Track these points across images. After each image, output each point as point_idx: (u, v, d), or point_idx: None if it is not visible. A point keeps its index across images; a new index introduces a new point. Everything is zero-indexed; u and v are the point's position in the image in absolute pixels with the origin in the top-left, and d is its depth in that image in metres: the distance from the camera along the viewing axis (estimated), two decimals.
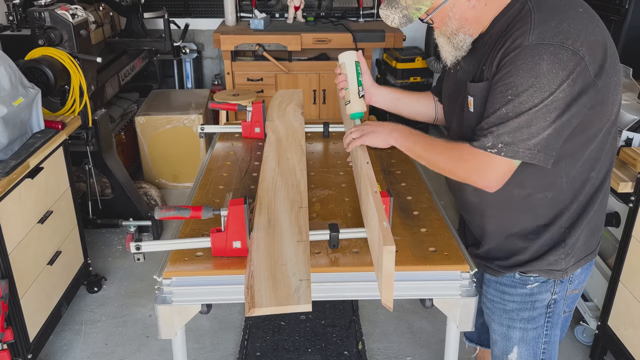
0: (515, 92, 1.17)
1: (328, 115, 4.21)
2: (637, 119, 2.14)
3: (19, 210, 2.08)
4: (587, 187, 1.34)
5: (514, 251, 1.42)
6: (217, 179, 1.88)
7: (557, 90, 1.15)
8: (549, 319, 1.46)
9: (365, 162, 1.47)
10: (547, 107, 1.16)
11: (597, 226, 1.43)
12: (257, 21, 4.04)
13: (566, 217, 1.36)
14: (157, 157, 3.77)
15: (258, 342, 2.34)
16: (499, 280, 1.49)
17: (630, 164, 1.97)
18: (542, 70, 1.14)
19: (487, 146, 1.21)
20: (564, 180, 1.31)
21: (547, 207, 1.35)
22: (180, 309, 1.39)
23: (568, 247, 1.37)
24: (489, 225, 1.45)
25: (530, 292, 1.44)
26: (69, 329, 2.54)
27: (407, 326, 2.55)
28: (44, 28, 2.62)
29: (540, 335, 1.47)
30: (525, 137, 1.18)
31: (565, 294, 1.45)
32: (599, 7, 2.81)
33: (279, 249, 1.33)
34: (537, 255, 1.39)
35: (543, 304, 1.44)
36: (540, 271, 1.40)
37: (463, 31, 1.31)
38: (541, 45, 1.15)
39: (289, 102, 2.30)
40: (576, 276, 1.44)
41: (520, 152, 1.19)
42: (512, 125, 1.18)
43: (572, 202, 1.34)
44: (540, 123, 1.17)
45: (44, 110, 2.35)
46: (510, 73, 1.18)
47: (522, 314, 1.46)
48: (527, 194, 1.34)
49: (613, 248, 2.30)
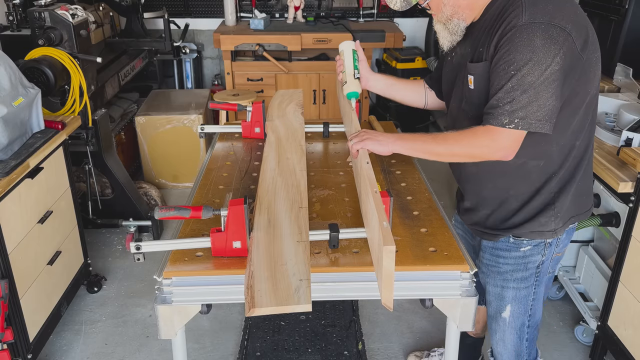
0: (516, 66, 1.31)
1: (328, 115, 4.21)
2: (637, 119, 2.14)
3: (19, 210, 2.08)
4: (573, 154, 1.48)
5: (508, 215, 1.56)
6: (217, 179, 1.88)
7: (552, 62, 1.29)
8: (537, 278, 1.62)
9: (365, 162, 1.47)
10: (548, 79, 1.30)
11: (583, 191, 1.57)
12: (257, 21, 4.04)
13: (555, 182, 1.50)
14: (157, 157, 3.77)
15: (258, 342, 2.34)
16: (494, 245, 1.62)
17: (630, 164, 1.97)
18: (537, 45, 1.29)
19: (504, 123, 1.34)
20: (555, 148, 1.46)
21: (539, 174, 1.49)
22: (180, 309, 1.39)
23: (557, 209, 1.52)
24: (486, 192, 1.59)
25: (523, 254, 1.58)
26: (69, 329, 2.54)
27: (407, 326, 2.55)
28: (44, 28, 2.62)
29: (530, 294, 1.64)
30: (536, 110, 1.32)
31: (552, 256, 1.61)
32: (599, 7, 2.81)
33: (279, 249, 1.33)
34: (529, 217, 1.53)
35: (534, 265, 1.59)
36: (532, 233, 1.54)
37: (457, 17, 1.45)
38: (533, 24, 1.30)
39: (289, 102, 2.30)
40: (562, 240, 1.60)
41: (533, 123, 1.33)
42: (523, 101, 1.31)
43: (561, 168, 1.49)
44: (545, 95, 1.31)
45: (44, 110, 2.35)
46: (509, 51, 1.31)
47: (515, 275, 1.61)
48: (522, 162, 1.47)
49: (613, 248, 2.30)
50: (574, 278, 2.56)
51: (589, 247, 2.50)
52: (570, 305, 2.62)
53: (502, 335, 1.73)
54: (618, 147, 2.07)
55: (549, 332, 2.51)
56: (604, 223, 2.25)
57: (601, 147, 2.21)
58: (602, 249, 2.44)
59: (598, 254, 2.43)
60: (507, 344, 1.73)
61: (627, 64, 2.63)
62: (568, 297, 2.59)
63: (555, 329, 2.53)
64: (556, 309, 2.65)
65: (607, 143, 2.24)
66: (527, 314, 1.67)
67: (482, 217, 1.62)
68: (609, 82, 2.71)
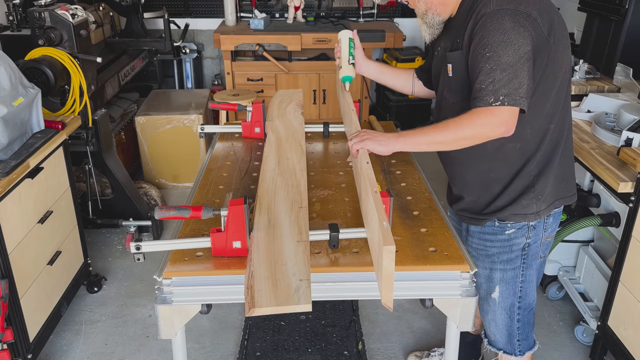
0: (491, 49, 1.39)
1: (328, 115, 4.21)
2: (637, 119, 2.14)
3: (19, 210, 2.08)
4: (549, 138, 1.56)
5: (492, 198, 1.64)
6: (217, 179, 1.88)
7: (523, 43, 1.38)
8: (525, 261, 1.69)
9: (365, 162, 1.47)
10: (522, 57, 1.38)
11: (564, 176, 1.65)
12: (257, 21, 4.04)
13: (534, 165, 1.58)
14: (157, 157, 3.77)
15: (258, 342, 2.34)
16: (482, 229, 1.70)
17: (630, 164, 1.97)
18: (507, 27, 1.38)
19: (490, 102, 1.40)
20: (529, 131, 1.54)
21: (517, 156, 1.57)
22: (180, 309, 1.39)
23: (537, 191, 1.60)
24: (469, 176, 1.68)
25: (508, 237, 1.66)
26: (69, 329, 2.54)
27: (407, 326, 2.55)
28: (44, 28, 2.62)
29: (518, 275, 1.71)
30: (517, 87, 1.39)
31: (541, 240, 1.69)
32: (599, 7, 2.81)
33: (279, 249, 1.33)
34: (512, 200, 1.61)
35: (519, 247, 1.67)
36: (515, 216, 1.62)
37: (431, 12, 1.59)
38: (501, 10, 1.40)
39: (289, 102, 2.30)
40: (549, 224, 1.67)
41: (517, 99, 1.39)
42: (504, 79, 1.38)
43: (537, 150, 1.57)
44: (522, 73, 1.39)
45: (44, 110, 2.35)
46: (483, 36, 1.41)
47: (501, 257, 1.69)
48: (500, 145, 1.55)
49: (613, 248, 2.30)
50: (574, 278, 2.56)
51: (589, 247, 2.50)
52: (570, 305, 2.62)
53: (494, 316, 1.79)
54: (618, 147, 2.06)
55: (549, 332, 2.51)
56: (604, 223, 2.25)
57: (601, 147, 2.21)
58: (602, 249, 2.44)
59: (598, 254, 2.43)
60: (498, 324, 1.79)
61: (627, 64, 2.63)
62: (568, 297, 2.59)
63: (555, 329, 2.53)
64: (556, 309, 2.65)
65: (607, 143, 2.24)
66: (517, 295, 1.73)
67: (469, 203, 1.71)
68: (609, 82, 2.71)
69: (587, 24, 3.00)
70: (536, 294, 1.78)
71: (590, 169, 2.13)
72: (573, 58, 2.76)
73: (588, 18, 2.98)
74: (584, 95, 2.62)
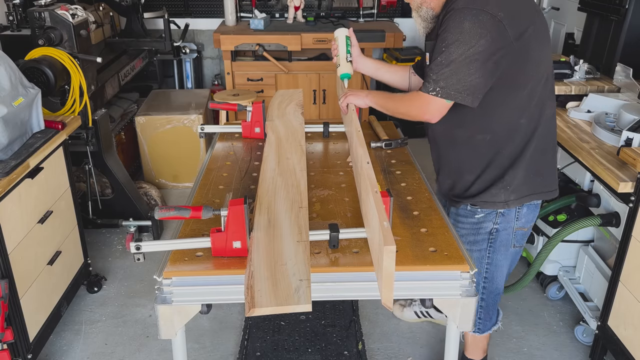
0: (446, 44, 1.53)
1: (328, 115, 4.21)
2: (637, 119, 2.14)
3: (19, 210, 2.08)
4: (520, 133, 1.67)
5: (466, 186, 1.78)
6: (217, 179, 1.88)
7: (475, 44, 1.48)
8: (491, 245, 1.82)
9: (366, 162, 1.48)
10: (468, 58, 1.50)
11: (538, 171, 1.73)
12: (257, 21, 4.04)
13: (505, 157, 1.69)
14: (157, 157, 3.77)
15: (258, 342, 2.34)
16: (457, 211, 1.86)
17: (630, 164, 1.97)
18: (465, 28, 1.49)
19: (429, 90, 1.57)
20: (497, 124, 1.66)
21: (487, 148, 1.70)
22: (180, 309, 1.39)
23: (506, 182, 1.71)
24: (443, 160, 1.85)
25: (477, 221, 1.80)
26: (69, 329, 2.54)
27: (407, 326, 2.55)
28: (44, 28, 2.62)
29: (484, 257, 1.85)
30: (455, 82, 1.53)
31: (513, 229, 1.79)
32: (599, 7, 2.81)
33: (279, 249, 1.33)
34: (483, 189, 1.74)
35: (486, 230, 1.80)
36: (485, 203, 1.75)
37: (426, 5, 1.70)
38: (466, 9, 1.50)
39: (289, 102, 2.30)
40: (523, 215, 1.78)
41: (452, 94, 1.55)
42: (445, 73, 1.53)
43: (507, 144, 1.68)
44: (464, 71, 1.51)
45: (44, 110, 2.35)
46: (444, 30, 1.54)
47: (469, 238, 1.84)
48: (470, 135, 1.70)
49: (613, 248, 2.30)
50: (574, 278, 2.57)
51: (589, 247, 2.50)
52: (570, 305, 2.62)
53: None
54: (618, 147, 2.06)
55: (549, 332, 2.51)
56: (604, 223, 2.25)
57: (601, 147, 2.21)
58: (602, 249, 2.44)
59: (598, 254, 2.43)
60: None
61: (627, 64, 2.63)
62: (568, 297, 2.59)
63: (555, 329, 2.53)
64: (556, 309, 2.65)
65: (607, 143, 2.24)
66: (482, 276, 1.88)
67: (449, 186, 1.86)
68: (609, 82, 2.71)
69: (587, 24, 3.00)
70: (504, 280, 1.92)
71: (590, 169, 2.13)
72: (573, 58, 2.76)
73: (588, 18, 2.98)
74: (584, 95, 2.62)
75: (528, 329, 2.53)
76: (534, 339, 2.47)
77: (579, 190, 2.53)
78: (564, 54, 3.49)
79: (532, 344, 2.44)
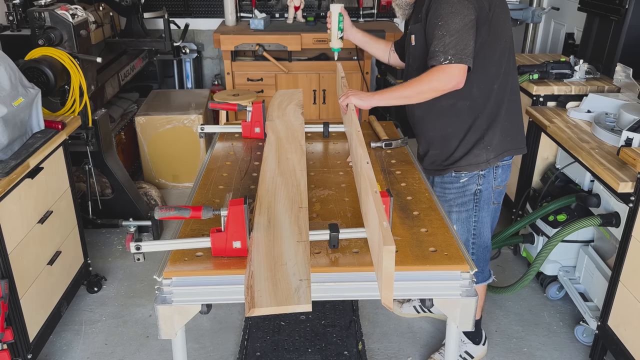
0: (442, 19, 1.72)
1: (328, 115, 4.21)
2: (637, 119, 2.14)
3: (19, 210, 2.08)
4: (493, 97, 1.88)
5: (451, 151, 1.96)
6: (217, 179, 1.88)
7: (467, 13, 1.70)
8: (477, 204, 2.01)
9: (365, 162, 1.47)
10: (467, 24, 1.70)
11: (510, 131, 1.95)
12: (257, 21, 4.04)
13: (483, 120, 1.89)
14: (157, 157, 3.77)
15: (258, 342, 2.34)
16: (442, 179, 2.03)
17: (630, 164, 1.97)
18: (454, 2, 1.71)
19: (441, 61, 1.72)
20: (476, 90, 1.86)
21: (468, 113, 1.89)
22: (180, 309, 1.39)
23: (486, 142, 1.91)
24: (431, 132, 2.00)
25: (462, 184, 1.99)
26: (69, 329, 2.54)
27: (407, 326, 2.55)
28: (44, 28, 2.62)
29: (471, 216, 2.03)
30: (462, 48, 1.71)
31: (492, 188, 2.00)
32: (599, 7, 2.81)
33: (279, 249, 1.33)
34: (466, 152, 1.93)
35: (471, 192, 1.99)
36: (470, 166, 1.94)
37: None
38: None
39: (289, 102, 2.30)
40: (499, 175, 1.99)
41: (463, 57, 1.71)
42: (452, 42, 1.70)
43: (484, 107, 1.88)
44: (466, 37, 1.71)
45: (44, 110, 2.35)
46: (436, 9, 1.74)
47: (457, 201, 2.02)
48: (453, 103, 1.88)
49: (613, 248, 2.30)
50: (574, 278, 2.57)
51: (589, 247, 2.50)
52: (570, 305, 2.62)
53: None
54: (618, 147, 2.06)
55: (549, 332, 2.51)
56: (604, 223, 2.25)
57: (601, 147, 2.21)
58: (602, 249, 2.44)
59: (598, 254, 2.43)
60: None
61: (627, 64, 2.63)
62: (568, 297, 2.59)
63: (555, 329, 2.53)
64: (556, 309, 2.65)
65: (607, 143, 2.24)
66: (471, 233, 2.05)
67: (433, 156, 2.01)
68: (609, 82, 2.71)
69: (587, 24, 3.00)
70: (490, 234, 2.11)
71: (590, 169, 2.13)
72: (573, 58, 2.76)
73: (588, 18, 2.98)
74: (584, 95, 2.62)
75: (528, 329, 2.53)
76: (534, 339, 2.47)
77: (579, 190, 2.53)
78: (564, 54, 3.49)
79: (532, 344, 2.44)
